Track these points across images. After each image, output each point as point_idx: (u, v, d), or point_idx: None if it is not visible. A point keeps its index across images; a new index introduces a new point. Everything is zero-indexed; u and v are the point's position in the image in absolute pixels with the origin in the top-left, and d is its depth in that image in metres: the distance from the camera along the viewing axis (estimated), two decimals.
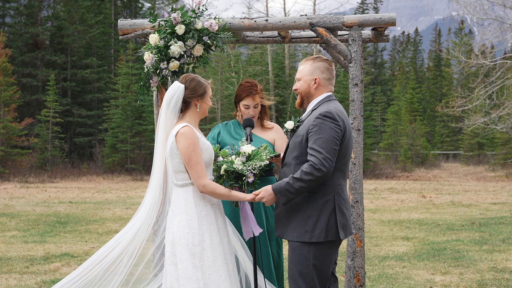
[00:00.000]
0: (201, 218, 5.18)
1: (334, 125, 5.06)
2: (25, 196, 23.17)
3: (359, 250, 6.44)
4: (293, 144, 5.30)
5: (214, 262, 5.14)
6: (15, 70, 40.61)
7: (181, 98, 5.28)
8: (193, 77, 5.38)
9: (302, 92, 5.44)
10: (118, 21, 6.80)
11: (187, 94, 5.29)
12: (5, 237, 13.59)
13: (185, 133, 5.15)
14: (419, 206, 20.73)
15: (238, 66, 41.62)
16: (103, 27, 48.93)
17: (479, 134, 48.67)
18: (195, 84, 5.33)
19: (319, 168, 4.93)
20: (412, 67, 73.18)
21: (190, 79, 5.36)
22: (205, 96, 5.37)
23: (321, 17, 6.58)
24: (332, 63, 5.48)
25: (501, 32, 32.67)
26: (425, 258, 11.19)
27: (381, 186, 30.85)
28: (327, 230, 5.08)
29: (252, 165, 5.41)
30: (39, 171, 35.63)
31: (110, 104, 40.97)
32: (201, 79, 5.39)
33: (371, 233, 14.47)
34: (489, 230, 14.67)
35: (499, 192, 26.45)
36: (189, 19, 6.24)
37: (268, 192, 5.14)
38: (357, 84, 6.48)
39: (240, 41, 7.21)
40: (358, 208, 6.45)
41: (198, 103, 5.33)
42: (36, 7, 46.27)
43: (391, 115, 50.26)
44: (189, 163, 5.13)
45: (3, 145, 33.98)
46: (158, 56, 6.22)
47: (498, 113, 31.96)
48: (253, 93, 6.36)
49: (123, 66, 40.69)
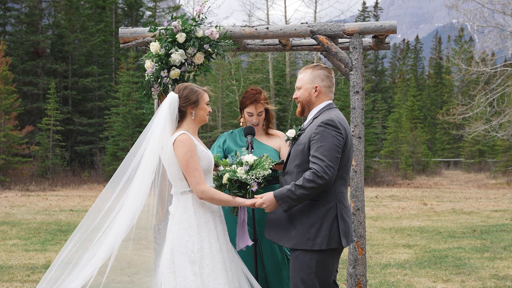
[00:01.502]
0: (200, 226, 5.18)
1: (336, 133, 5.07)
2: (26, 205, 23.15)
3: (361, 258, 6.42)
4: (294, 152, 5.31)
5: (214, 270, 5.13)
6: (16, 78, 40.63)
7: (177, 108, 5.29)
8: (186, 85, 5.38)
9: (302, 100, 5.44)
10: (119, 29, 6.81)
11: (181, 103, 5.29)
12: (6, 245, 13.58)
13: (182, 140, 5.16)
14: (420, 213, 20.71)
15: (238, 74, 41.63)
16: (104, 35, 48.98)
17: (480, 142, 48.65)
18: (188, 92, 5.33)
19: (321, 176, 4.93)
20: (413, 74, 73.24)
21: (182, 87, 5.37)
22: (200, 103, 5.35)
23: (322, 25, 6.59)
24: (331, 70, 5.48)
25: (501, 40, 32.69)
26: (426, 266, 11.17)
27: (382, 193, 30.81)
28: (329, 238, 5.08)
29: (256, 174, 5.41)
30: (40, 179, 35.60)
31: (111, 112, 40.97)
32: (194, 86, 5.38)
33: (372, 240, 14.44)
34: (491, 238, 14.65)
35: (500, 200, 26.42)
36: (189, 27, 6.25)
37: (270, 198, 5.13)
38: (358, 91, 6.49)
39: (241, 49, 7.22)
40: (360, 216, 6.44)
41: (193, 111, 5.33)
42: (37, 16, 46.33)
43: (391, 123, 50.24)
44: (187, 169, 5.13)
45: (4, 153, 33.97)
46: (159, 64, 6.23)
47: (499, 121, 31.95)
48: (257, 101, 6.38)
49: (124, 74, 40.72)
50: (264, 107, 6.44)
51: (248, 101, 6.41)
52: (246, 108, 6.41)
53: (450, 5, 33.41)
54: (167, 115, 5.25)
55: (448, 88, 66.18)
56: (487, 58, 32.53)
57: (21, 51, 44.88)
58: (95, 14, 49.74)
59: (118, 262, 5.34)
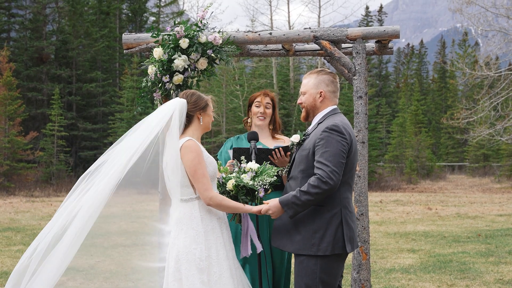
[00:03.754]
0: (207, 233, 5.16)
1: (341, 138, 5.06)
2: (30, 210, 23.16)
3: (365, 263, 6.42)
4: (299, 157, 5.30)
5: (221, 278, 5.11)
6: (20, 84, 40.66)
7: (185, 112, 5.29)
8: (193, 92, 5.41)
9: (307, 105, 5.44)
10: (123, 35, 6.82)
11: (190, 108, 5.29)
12: (11, 251, 13.59)
13: (189, 146, 5.15)
14: (424, 218, 20.67)
15: (242, 79, 41.65)
16: (108, 41, 49.07)
17: (484, 146, 48.54)
18: (196, 97, 5.34)
19: (326, 181, 4.93)
20: (417, 79, 73.14)
21: (190, 93, 5.38)
22: (207, 109, 5.37)
23: (325, 30, 6.59)
24: (336, 76, 5.48)
25: (506, 44, 32.68)
26: (431, 271, 11.15)
27: (387, 198, 30.77)
28: (334, 243, 5.07)
29: (263, 180, 5.41)
30: (45, 185, 35.62)
31: (115, 117, 41.03)
32: (200, 93, 5.41)
33: (376, 245, 14.42)
34: (495, 242, 14.62)
35: (505, 204, 26.37)
36: (192, 33, 6.25)
37: (275, 205, 5.12)
38: (361, 96, 6.49)
39: (244, 54, 7.22)
40: (364, 221, 6.43)
41: (201, 116, 5.33)
42: (41, 22, 46.41)
43: (396, 127, 50.21)
44: (195, 176, 5.12)
45: (8, 159, 34.00)
46: (160, 70, 6.22)
47: (503, 125, 31.92)
48: (266, 93, 6.46)
49: (128, 80, 40.79)
50: (271, 98, 6.48)
51: (257, 94, 6.52)
52: (255, 100, 6.45)
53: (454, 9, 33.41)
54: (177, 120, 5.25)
55: (452, 92, 66.07)
56: (491, 62, 32.51)
57: (25, 57, 44.96)
58: (99, 19, 49.84)
59: (123, 267, 5.33)
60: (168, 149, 5.23)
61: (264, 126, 6.47)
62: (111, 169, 5.30)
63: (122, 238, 15.24)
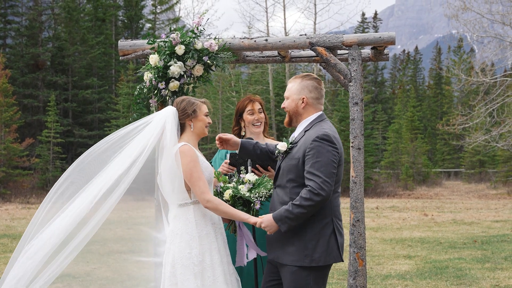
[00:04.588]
0: (202, 238, 5.16)
1: (332, 148, 5.03)
2: (26, 217, 23.11)
3: (361, 269, 6.41)
4: (287, 166, 5.23)
5: (215, 282, 5.10)
6: (16, 91, 40.65)
7: (177, 120, 5.30)
8: (183, 98, 5.40)
9: (290, 111, 5.41)
10: (119, 42, 6.82)
11: (179, 116, 5.30)
12: (7, 258, 13.56)
13: (184, 150, 5.16)
14: (421, 224, 20.68)
15: (238, 86, 41.70)
16: (104, 48, 49.11)
17: (480, 152, 48.63)
18: (185, 104, 5.34)
19: (318, 193, 4.89)
20: (413, 85, 73.31)
21: (180, 100, 5.38)
22: (198, 115, 5.35)
23: (321, 36, 6.60)
24: (321, 81, 5.45)
25: (501, 50, 32.73)
26: (427, 277, 11.15)
27: (383, 204, 30.79)
28: (327, 253, 5.05)
29: (260, 193, 5.40)
30: (41, 192, 35.55)
31: (111, 124, 41.01)
32: (192, 98, 5.39)
33: (373, 251, 14.42)
34: (491, 248, 14.63)
35: (501, 210, 26.40)
36: (188, 40, 6.24)
37: (269, 221, 5.05)
38: (357, 103, 6.48)
39: (240, 61, 7.22)
40: (360, 227, 6.42)
41: (192, 123, 5.33)
42: (37, 28, 46.46)
43: (392, 133, 50.29)
44: (191, 179, 5.12)
45: (4, 166, 33.97)
46: (155, 77, 6.21)
47: (499, 131, 31.94)
48: (253, 100, 6.42)
49: (123, 87, 40.81)
50: (259, 102, 6.47)
51: (245, 101, 6.47)
52: (246, 109, 6.41)
53: (450, 15, 33.47)
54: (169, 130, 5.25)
55: (448, 98, 66.21)
56: (487, 68, 32.54)
57: (21, 63, 44.97)
58: (95, 26, 49.88)
59: (119, 274, 5.33)
60: (163, 156, 5.24)
61: (260, 132, 6.48)
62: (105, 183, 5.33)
63: (118, 244, 15.25)
